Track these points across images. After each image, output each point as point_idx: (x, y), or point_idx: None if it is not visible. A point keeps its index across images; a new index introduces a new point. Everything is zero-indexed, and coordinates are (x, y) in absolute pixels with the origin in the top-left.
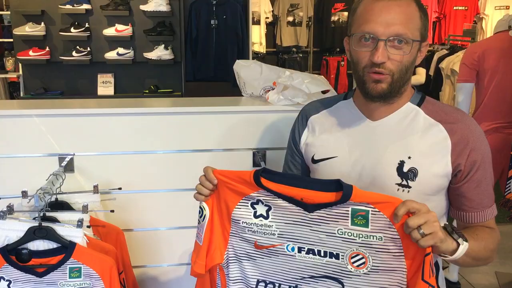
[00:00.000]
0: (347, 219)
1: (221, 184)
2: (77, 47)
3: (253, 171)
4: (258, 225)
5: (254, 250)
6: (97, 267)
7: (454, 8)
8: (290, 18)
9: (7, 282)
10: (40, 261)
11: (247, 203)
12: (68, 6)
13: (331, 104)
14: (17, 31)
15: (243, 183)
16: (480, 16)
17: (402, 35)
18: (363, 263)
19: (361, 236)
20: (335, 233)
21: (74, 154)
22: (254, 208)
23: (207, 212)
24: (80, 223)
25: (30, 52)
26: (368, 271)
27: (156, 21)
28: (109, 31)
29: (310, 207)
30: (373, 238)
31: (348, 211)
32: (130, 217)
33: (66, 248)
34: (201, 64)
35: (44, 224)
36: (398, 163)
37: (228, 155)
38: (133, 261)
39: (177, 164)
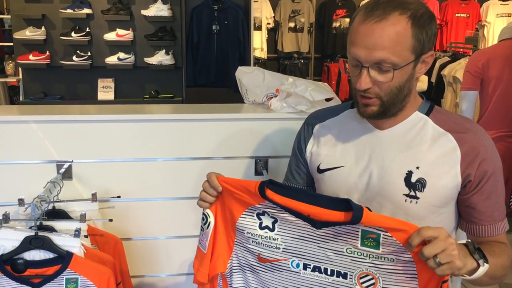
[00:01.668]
0: (357, 240)
1: (225, 191)
2: (78, 51)
3: (258, 182)
4: (263, 237)
5: (257, 263)
6: (95, 278)
7: (456, 15)
8: (292, 24)
9: None
10: (36, 271)
11: (253, 213)
12: (69, 11)
13: (337, 112)
14: (17, 35)
15: (248, 193)
16: (482, 24)
17: (385, 60)
18: (373, 284)
19: (371, 256)
20: (343, 252)
21: (72, 161)
22: (260, 219)
23: (211, 219)
24: (77, 233)
25: (30, 56)
26: None
27: (157, 26)
28: (110, 36)
29: (318, 224)
30: (384, 260)
31: (358, 231)
32: (129, 226)
33: (63, 258)
34: (202, 69)
35: (41, 233)
36: (406, 173)
37: (229, 163)
38: (131, 271)
39: (178, 172)
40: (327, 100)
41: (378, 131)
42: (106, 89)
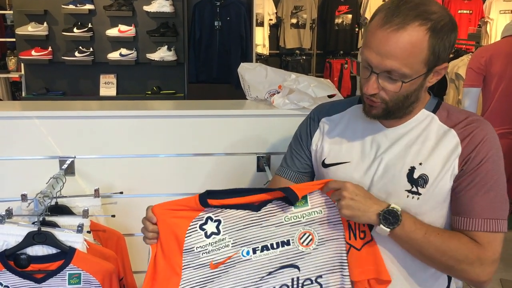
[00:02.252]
0: (291, 206)
1: (166, 215)
2: (80, 47)
3: (196, 196)
4: (212, 243)
5: (211, 272)
6: (97, 273)
7: (459, 11)
8: (294, 20)
9: None
10: (39, 266)
11: (196, 226)
12: (71, 6)
13: (344, 107)
14: (19, 31)
15: (189, 209)
16: (485, 20)
17: (396, 70)
18: (311, 239)
19: (304, 215)
20: (283, 222)
21: (75, 157)
22: (203, 230)
23: (150, 255)
24: (80, 228)
25: (33, 52)
26: (316, 246)
27: (160, 22)
28: (112, 32)
29: (256, 207)
30: (314, 214)
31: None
32: (132, 222)
33: (66, 253)
34: (204, 65)
35: (44, 229)
36: (409, 169)
37: (231, 160)
38: (134, 267)
39: (180, 168)
40: (330, 96)
41: (384, 128)
42: (108, 85)
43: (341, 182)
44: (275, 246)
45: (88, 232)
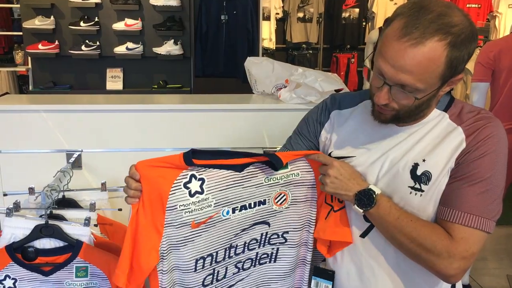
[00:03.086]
0: (274, 170)
1: (149, 172)
2: (86, 41)
3: (181, 154)
4: (195, 202)
5: (191, 231)
6: (104, 266)
7: (467, 5)
8: (301, 14)
9: (13, 281)
10: (46, 259)
11: (180, 184)
12: (77, 0)
13: (356, 102)
14: (26, 24)
15: (173, 167)
16: (494, 14)
17: (409, 86)
18: (285, 199)
19: (283, 177)
20: (262, 183)
21: (82, 151)
22: (187, 188)
23: (130, 213)
24: (87, 222)
25: (40, 46)
26: (289, 205)
27: (166, 15)
28: (119, 26)
29: (239, 167)
30: (292, 176)
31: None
32: None
33: (73, 247)
34: (211, 59)
35: (51, 222)
36: (412, 166)
37: None
38: None
39: None
40: (337, 91)
41: (394, 127)
42: (114, 79)
43: (330, 158)
44: (252, 206)
45: (95, 225)
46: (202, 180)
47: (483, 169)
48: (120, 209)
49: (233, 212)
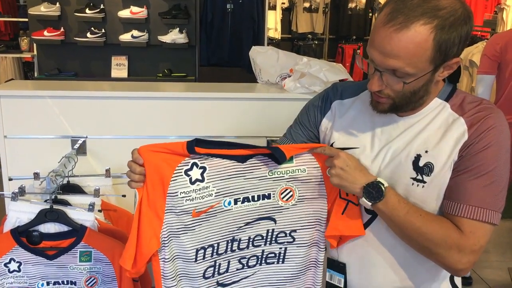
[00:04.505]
0: (277, 163)
1: (152, 157)
2: (92, 28)
3: (184, 142)
4: (196, 190)
5: (192, 220)
6: (108, 252)
7: None
8: (307, 4)
9: (18, 264)
10: (51, 243)
11: (181, 171)
12: None
13: (357, 92)
14: (32, 11)
15: (175, 154)
16: (501, 7)
17: (399, 70)
18: (291, 196)
19: (288, 172)
20: (266, 176)
21: (86, 137)
22: (188, 175)
23: (137, 199)
24: (91, 207)
25: (45, 32)
26: (296, 202)
27: (172, 4)
28: (124, 13)
29: (242, 158)
30: (298, 172)
31: None
32: None
33: (77, 231)
34: (216, 48)
35: (56, 207)
36: (415, 157)
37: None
38: None
39: None
40: (341, 81)
41: (396, 117)
42: (119, 67)
43: (336, 150)
44: (256, 199)
45: (99, 211)
46: (204, 168)
47: (487, 161)
48: (124, 195)
49: (235, 203)
